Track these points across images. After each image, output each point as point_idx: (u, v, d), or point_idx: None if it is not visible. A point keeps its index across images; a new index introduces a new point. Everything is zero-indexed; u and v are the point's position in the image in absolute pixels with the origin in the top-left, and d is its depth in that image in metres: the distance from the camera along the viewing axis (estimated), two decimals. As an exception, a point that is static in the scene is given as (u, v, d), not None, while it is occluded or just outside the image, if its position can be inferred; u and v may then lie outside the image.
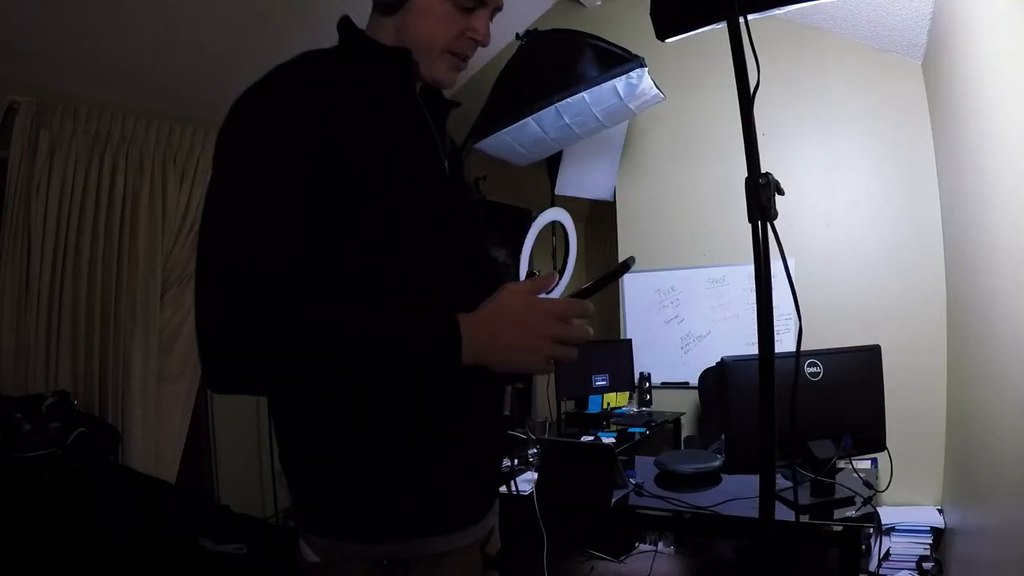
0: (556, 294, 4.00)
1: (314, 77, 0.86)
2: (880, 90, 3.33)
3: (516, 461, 2.52)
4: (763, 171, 0.86)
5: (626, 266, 0.87)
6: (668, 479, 2.18)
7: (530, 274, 3.68)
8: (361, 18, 1.01)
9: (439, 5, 0.91)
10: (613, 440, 3.05)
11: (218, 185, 0.81)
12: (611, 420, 3.54)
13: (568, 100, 2.99)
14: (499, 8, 0.97)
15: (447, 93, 1.06)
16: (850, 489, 1.85)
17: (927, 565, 2.79)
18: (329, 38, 0.98)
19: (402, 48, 0.93)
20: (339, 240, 0.82)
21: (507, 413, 1.02)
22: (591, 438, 3.12)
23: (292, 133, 0.80)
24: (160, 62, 2.97)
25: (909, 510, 2.97)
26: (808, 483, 1.84)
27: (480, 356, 0.80)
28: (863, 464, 2.68)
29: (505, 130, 3.14)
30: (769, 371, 0.84)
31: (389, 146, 0.88)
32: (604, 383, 3.64)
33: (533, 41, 3.17)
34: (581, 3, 4.03)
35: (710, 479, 2.14)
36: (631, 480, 2.13)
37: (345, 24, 0.99)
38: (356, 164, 0.83)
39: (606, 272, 0.89)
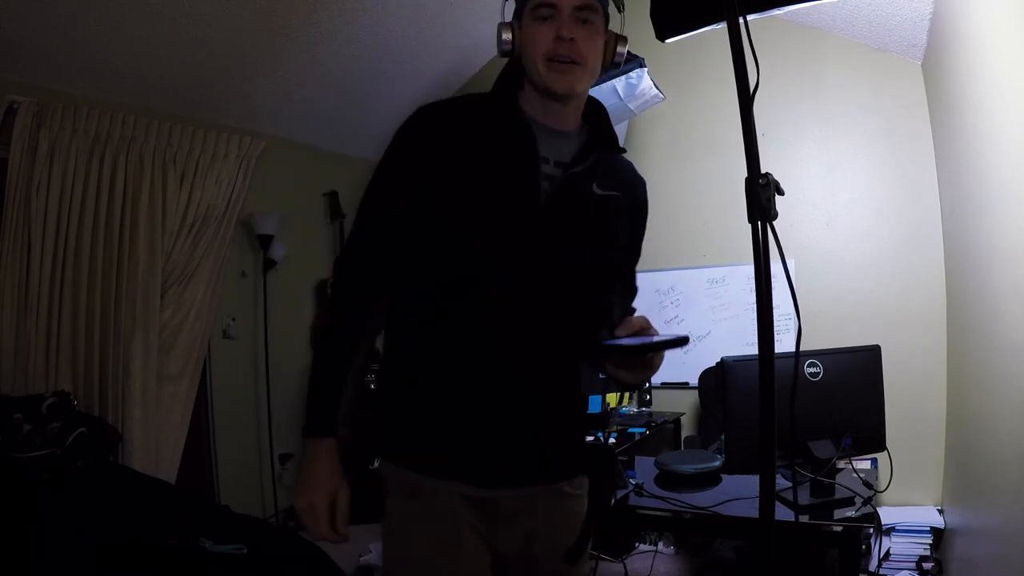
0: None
1: (429, 124, 1.10)
2: (880, 90, 3.33)
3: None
4: (763, 171, 0.86)
5: (681, 341, 0.96)
6: (668, 479, 2.18)
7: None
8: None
9: (529, 29, 1.06)
10: (613, 440, 3.05)
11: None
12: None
13: (568, 100, 2.99)
14: (584, 7, 1.05)
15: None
16: (850, 489, 1.85)
17: (927, 565, 2.79)
18: (328, 38, 0.99)
19: (510, 92, 1.12)
20: (412, 251, 1.08)
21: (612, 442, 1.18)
22: (591, 438, 3.12)
23: (396, 167, 1.10)
24: (160, 62, 2.97)
25: (909, 510, 2.97)
26: (808, 483, 1.84)
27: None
28: (863, 464, 2.68)
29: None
30: (769, 371, 0.84)
31: (471, 189, 1.05)
32: None
33: (533, 41, 3.16)
34: (581, 3, 4.03)
35: (710, 479, 2.14)
36: (631, 480, 2.13)
37: (502, 73, 1.14)
38: (430, 201, 1.05)
39: (660, 340, 0.98)
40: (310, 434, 1.08)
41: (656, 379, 3.80)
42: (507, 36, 1.09)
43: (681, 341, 0.96)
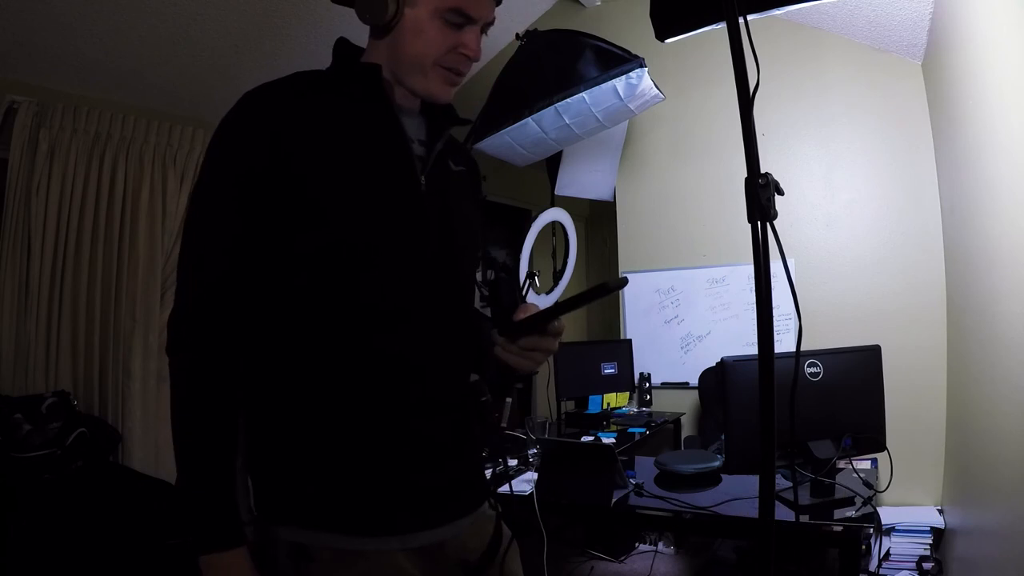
0: (556, 294, 3.95)
1: (274, 102, 0.91)
2: (880, 90, 3.33)
3: (516, 462, 2.52)
4: (763, 171, 0.86)
5: (605, 288, 0.88)
6: (668, 479, 2.18)
7: (530, 274, 3.68)
8: (363, 29, 1.01)
9: (428, 23, 0.93)
10: (613, 440, 3.05)
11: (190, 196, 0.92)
12: (611, 420, 3.54)
13: (568, 100, 2.99)
14: (490, 23, 0.99)
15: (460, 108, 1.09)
16: (850, 489, 1.85)
17: (927, 565, 2.79)
18: (329, 38, 0.99)
19: (371, 64, 0.97)
20: (280, 262, 0.89)
21: (504, 425, 1.02)
22: (591, 438, 3.12)
23: (237, 159, 0.89)
24: (160, 62, 2.97)
25: (909, 510, 2.97)
26: (808, 483, 1.84)
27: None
28: (863, 464, 2.68)
29: (505, 130, 3.14)
30: (769, 371, 0.84)
31: (342, 171, 0.91)
32: (613, 371, 3.64)
33: (533, 41, 3.17)
34: (581, 3, 4.03)
35: (710, 479, 2.14)
36: (631, 480, 2.13)
37: (336, 45, 1.03)
38: (298, 190, 0.88)
39: (587, 290, 0.90)
40: (214, 550, 0.84)
41: (656, 379, 3.80)
42: (390, 15, 0.92)
43: (619, 283, 0.88)
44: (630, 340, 3.85)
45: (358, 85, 0.97)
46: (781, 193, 0.86)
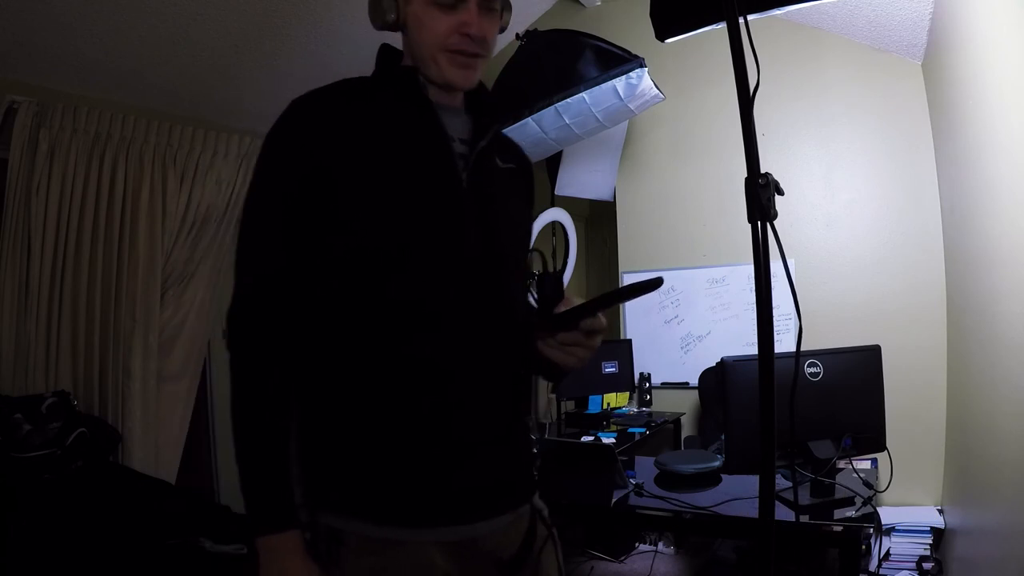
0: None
1: (317, 111, 0.95)
2: (880, 90, 3.33)
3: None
4: (763, 171, 0.86)
5: (655, 282, 0.89)
6: (668, 479, 2.18)
7: (530, 274, 3.68)
8: (367, 26, 1.02)
9: (424, 13, 0.96)
10: (613, 440, 3.05)
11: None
12: (611, 420, 3.54)
13: (568, 100, 2.99)
14: None
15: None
16: (850, 489, 1.85)
17: (927, 565, 2.79)
18: (329, 38, 0.99)
19: (409, 67, 1.00)
20: (319, 265, 0.94)
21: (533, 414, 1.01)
22: (591, 438, 3.12)
23: (281, 168, 0.95)
24: (160, 62, 2.97)
25: (909, 510, 2.97)
26: (808, 483, 1.84)
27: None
28: (863, 464, 2.69)
29: (505, 130, 3.14)
30: (769, 371, 0.85)
31: (376, 176, 0.94)
32: (614, 370, 3.64)
33: (533, 41, 3.17)
34: (581, 3, 4.03)
35: (710, 479, 2.14)
36: (631, 480, 2.13)
37: (380, 51, 1.06)
38: (333, 197, 0.92)
39: (624, 289, 0.92)
40: (266, 532, 0.89)
41: (656, 379, 3.80)
42: (391, 16, 0.98)
43: (655, 283, 0.90)
44: (630, 340, 3.85)
45: (397, 88, 1.00)
46: (781, 193, 0.86)
